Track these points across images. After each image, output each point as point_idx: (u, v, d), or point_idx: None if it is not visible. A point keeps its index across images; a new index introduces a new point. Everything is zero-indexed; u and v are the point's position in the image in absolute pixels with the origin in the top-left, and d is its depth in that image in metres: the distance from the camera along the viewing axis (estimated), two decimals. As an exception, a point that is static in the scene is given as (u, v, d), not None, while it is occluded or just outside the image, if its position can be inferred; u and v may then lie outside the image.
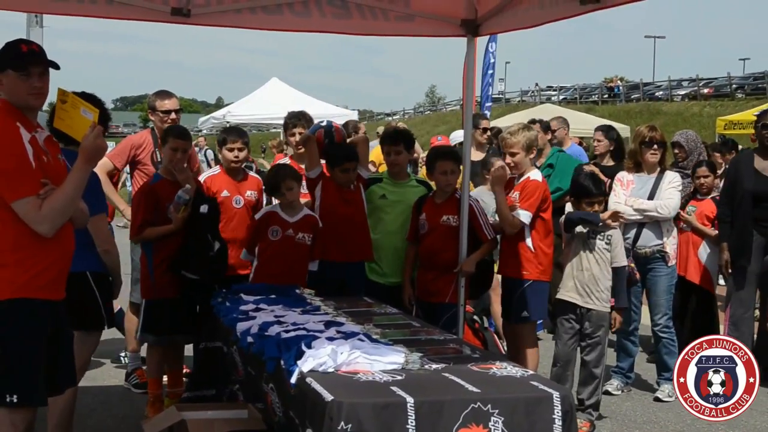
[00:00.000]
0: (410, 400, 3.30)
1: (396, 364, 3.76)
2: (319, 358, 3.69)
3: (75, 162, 3.92)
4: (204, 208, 5.87)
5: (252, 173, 6.88)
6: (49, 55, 3.96)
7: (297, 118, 6.91)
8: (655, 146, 7.11)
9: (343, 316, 4.82)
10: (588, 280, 6.22)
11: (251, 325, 4.51)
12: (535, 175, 6.33)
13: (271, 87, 24.10)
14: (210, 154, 24.27)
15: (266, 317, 4.65)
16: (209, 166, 21.63)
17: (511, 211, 6.14)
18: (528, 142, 6.26)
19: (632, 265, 6.69)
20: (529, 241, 6.21)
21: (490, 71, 15.80)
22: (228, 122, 21.80)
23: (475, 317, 7.19)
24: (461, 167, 6.34)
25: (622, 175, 7.27)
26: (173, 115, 6.88)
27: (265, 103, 22.61)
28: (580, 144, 13.15)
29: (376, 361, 3.75)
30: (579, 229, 6.27)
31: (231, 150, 6.39)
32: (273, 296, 5.29)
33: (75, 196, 3.92)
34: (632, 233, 7.07)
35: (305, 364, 3.67)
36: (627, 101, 50.08)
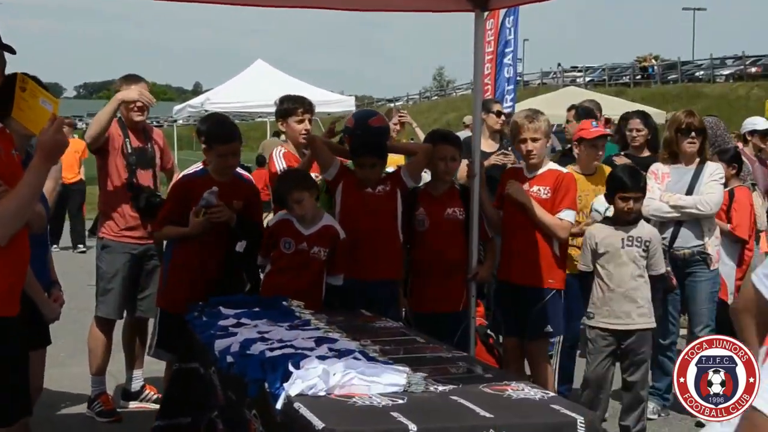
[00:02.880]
0: (413, 427, 3.28)
1: (397, 386, 3.74)
2: (309, 379, 3.68)
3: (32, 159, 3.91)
4: (241, 246, 5.94)
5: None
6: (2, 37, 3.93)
7: (298, 102, 6.72)
8: (694, 134, 7.09)
9: (337, 331, 4.80)
10: (624, 297, 6.18)
11: (231, 343, 4.49)
12: (558, 167, 6.39)
13: (256, 70, 24.13)
14: None
15: (248, 333, 4.63)
16: None
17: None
18: (548, 128, 6.35)
19: (668, 269, 6.68)
20: (555, 245, 6.21)
21: (507, 49, 15.68)
22: (206, 111, 21.80)
23: (489, 331, 7.17)
24: (465, 159, 6.34)
25: (657, 167, 7.26)
26: (140, 103, 6.89)
27: (249, 89, 22.66)
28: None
29: (374, 382, 3.73)
30: (607, 241, 6.22)
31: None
32: (256, 309, 5.27)
33: (32, 199, 3.90)
34: (669, 233, 7.06)
35: (293, 387, 3.66)
36: (663, 83, 50.19)
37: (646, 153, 8.62)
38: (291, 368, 3.81)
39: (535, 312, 6.21)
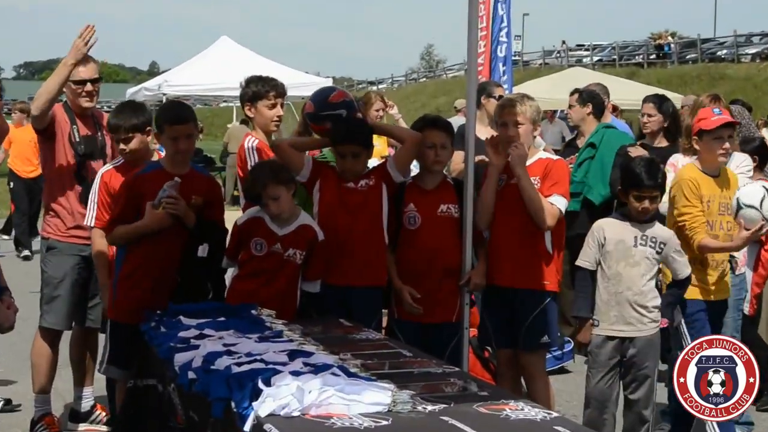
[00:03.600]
0: (399, 451, 3.30)
1: (381, 405, 3.75)
2: (281, 398, 3.68)
3: None
4: (203, 251, 5.92)
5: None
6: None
7: (269, 85, 6.63)
8: (720, 121, 7.09)
9: (313, 343, 4.81)
10: (633, 301, 6.19)
11: (193, 357, 4.49)
12: (550, 155, 6.47)
13: (220, 48, 24.13)
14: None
15: (213, 346, 4.63)
16: None
17: None
18: (535, 113, 6.38)
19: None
20: (548, 241, 6.24)
21: (502, 25, 15.74)
22: (165, 94, 21.79)
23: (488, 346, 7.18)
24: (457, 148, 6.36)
25: (676, 159, 7.27)
26: (89, 86, 6.89)
27: (213, 69, 22.64)
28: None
29: (354, 401, 3.74)
30: (617, 237, 6.23)
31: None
32: (221, 319, 5.27)
33: None
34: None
35: (263, 407, 3.66)
36: (681, 63, 50.28)
37: (662, 142, 8.66)
38: (261, 385, 3.82)
39: (530, 320, 6.24)
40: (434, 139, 6.19)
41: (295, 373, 4.01)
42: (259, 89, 6.61)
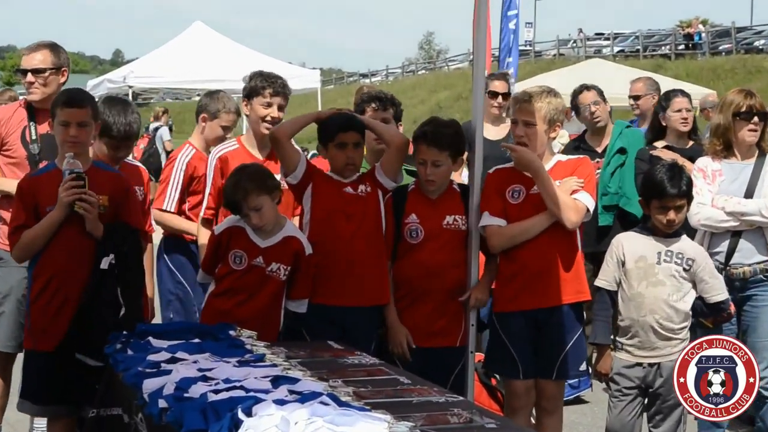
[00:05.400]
0: (397, 491, 3.30)
1: (376, 438, 3.75)
2: (264, 430, 3.69)
3: None
4: (105, 263, 5.86)
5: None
6: None
7: (267, 81, 6.69)
8: (756, 119, 7.12)
9: (299, 368, 4.82)
10: (659, 327, 6.18)
11: (164, 383, 4.50)
12: (569, 156, 6.51)
13: (194, 35, 24.14)
14: (166, 133, 23.81)
15: (186, 371, 4.64)
16: (165, 151, 21.38)
17: None
18: (554, 112, 6.24)
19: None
20: (579, 245, 6.25)
21: (511, 11, 15.81)
22: (131, 87, 21.80)
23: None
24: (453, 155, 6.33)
25: (705, 163, 7.26)
26: (30, 77, 6.94)
27: (185, 59, 22.64)
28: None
29: (346, 434, 3.74)
30: (638, 253, 6.22)
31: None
32: (196, 340, 5.29)
33: None
34: (724, 246, 7.07)
35: (243, 440, 3.66)
36: (713, 54, 50.38)
37: (685, 143, 8.68)
38: (240, 416, 3.83)
39: (572, 343, 6.20)
40: (423, 155, 6.18)
41: (280, 402, 4.01)
42: (256, 84, 6.68)
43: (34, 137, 6.87)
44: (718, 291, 6.30)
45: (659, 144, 8.67)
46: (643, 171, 7.56)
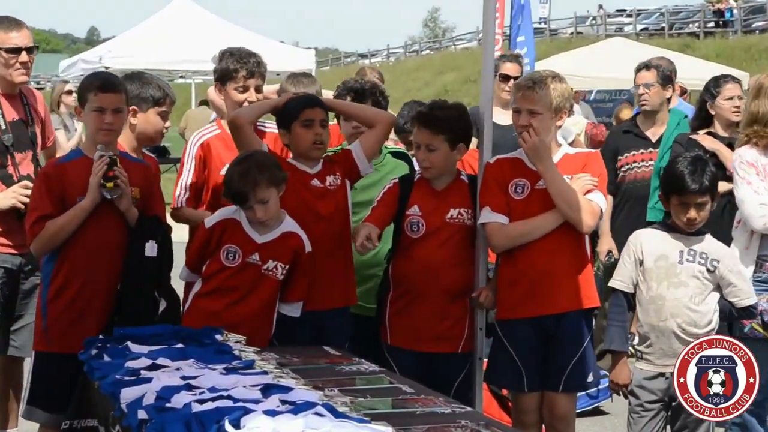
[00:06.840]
0: None
1: (376, 452, 3.78)
2: (254, 443, 3.71)
3: None
4: (151, 248, 5.88)
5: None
6: None
7: (240, 61, 6.61)
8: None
9: (292, 376, 4.84)
10: (681, 331, 6.18)
11: (144, 392, 4.51)
12: (579, 150, 6.59)
13: (175, 11, 24.13)
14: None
15: (168, 379, 4.66)
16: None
17: None
18: (560, 99, 6.16)
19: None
20: (588, 248, 6.26)
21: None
22: (107, 68, 21.73)
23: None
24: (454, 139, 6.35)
25: (754, 157, 6.99)
26: (24, 56, 6.92)
27: (166, 38, 22.61)
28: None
29: (343, 447, 3.77)
30: (658, 252, 6.22)
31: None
32: (179, 345, 5.31)
33: None
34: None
35: (231, 454, 3.69)
36: (745, 33, 50.27)
37: (725, 131, 8.62)
38: (228, 427, 3.85)
39: (580, 353, 6.19)
40: (415, 138, 6.25)
41: (271, 413, 4.04)
42: (227, 66, 6.61)
43: (3, 127, 6.86)
44: (747, 294, 6.30)
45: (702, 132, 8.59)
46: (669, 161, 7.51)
